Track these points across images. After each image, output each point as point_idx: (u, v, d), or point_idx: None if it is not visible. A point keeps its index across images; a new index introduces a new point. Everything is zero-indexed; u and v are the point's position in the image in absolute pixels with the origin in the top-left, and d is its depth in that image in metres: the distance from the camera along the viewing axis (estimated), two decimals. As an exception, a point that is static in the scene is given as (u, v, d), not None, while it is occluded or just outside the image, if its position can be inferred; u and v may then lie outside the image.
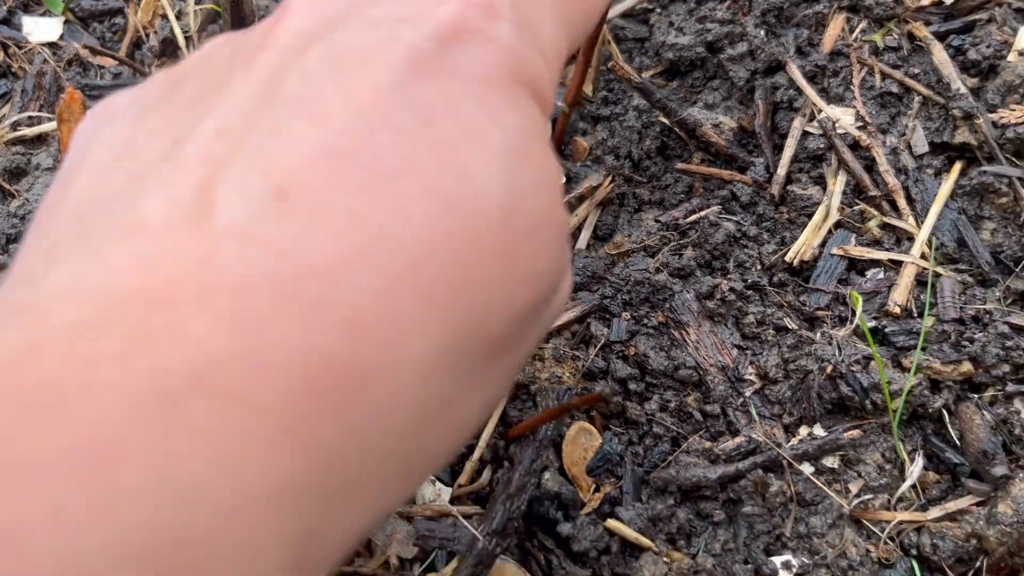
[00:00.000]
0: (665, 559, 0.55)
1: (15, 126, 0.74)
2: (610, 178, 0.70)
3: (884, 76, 0.74)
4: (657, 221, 0.69)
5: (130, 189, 0.28)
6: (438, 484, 0.59)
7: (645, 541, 0.56)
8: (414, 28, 0.30)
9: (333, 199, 0.26)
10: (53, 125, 0.74)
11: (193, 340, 0.22)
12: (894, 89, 0.73)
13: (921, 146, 0.71)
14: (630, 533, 0.56)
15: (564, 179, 0.27)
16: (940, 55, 0.73)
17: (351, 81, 0.28)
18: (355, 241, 0.25)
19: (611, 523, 0.56)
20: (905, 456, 0.59)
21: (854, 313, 0.63)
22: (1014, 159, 0.68)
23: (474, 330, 0.28)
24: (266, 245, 0.24)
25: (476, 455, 0.60)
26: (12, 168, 0.70)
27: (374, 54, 0.29)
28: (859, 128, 0.72)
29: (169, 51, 0.78)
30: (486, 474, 0.60)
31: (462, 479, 0.59)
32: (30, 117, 0.75)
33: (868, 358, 0.60)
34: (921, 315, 0.64)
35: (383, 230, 0.26)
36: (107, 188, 0.29)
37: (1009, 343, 0.60)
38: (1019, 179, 0.67)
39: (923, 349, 0.61)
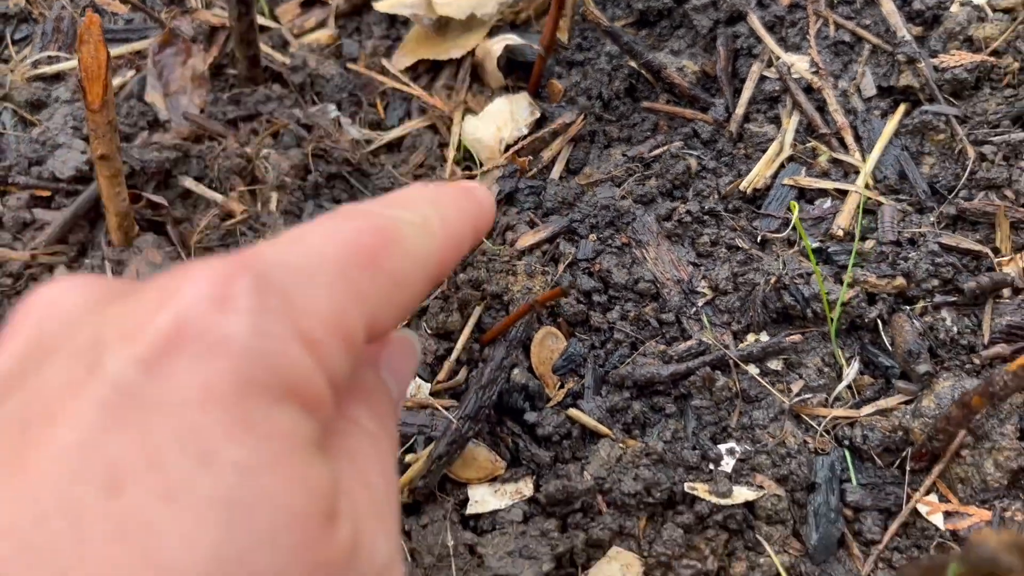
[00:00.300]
0: (620, 444, 0.61)
1: (36, 64, 0.81)
2: (582, 116, 0.76)
3: (838, 27, 0.80)
4: (624, 155, 0.75)
5: None
6: (419, 380, 0.65)
7: (603, 429, 0.62)
8: (121, 352, 0.26)
9: None
10: (70, 64, 0.80)
11: None
12: (846, 38, 0.79)
13: (870, 89, 0.77)
14: (589, 421, 0.62)
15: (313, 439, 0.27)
16: (888, 6, 0.78)
17: (31, 451, 0.24)
18: None
19: (572, 412, 0.62)
20: (843, 361, 0.65)
21: (804, 245, 0.69)
22: (952, 99, 0.74)
23: None
24: None
25: (453, 356, 0.66)
26: (33, 101, 0.77)
27: (65, 404, 0.25)
28: (813, 73, 0.77)
29: None
30: (462, 373, 0.66)
31: (440, 376, 0.65)
32: (49, 57, 0.81)
33: (811, 273, 0.66)
34: (864, 239, 0.69)
35: None
36: None
37: (939, 260, 0.66)
38: (956, 117, 0.73)
39: (861, 266, 0.67)
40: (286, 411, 0.27)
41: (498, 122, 0.74)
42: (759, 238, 0.70)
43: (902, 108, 0.75)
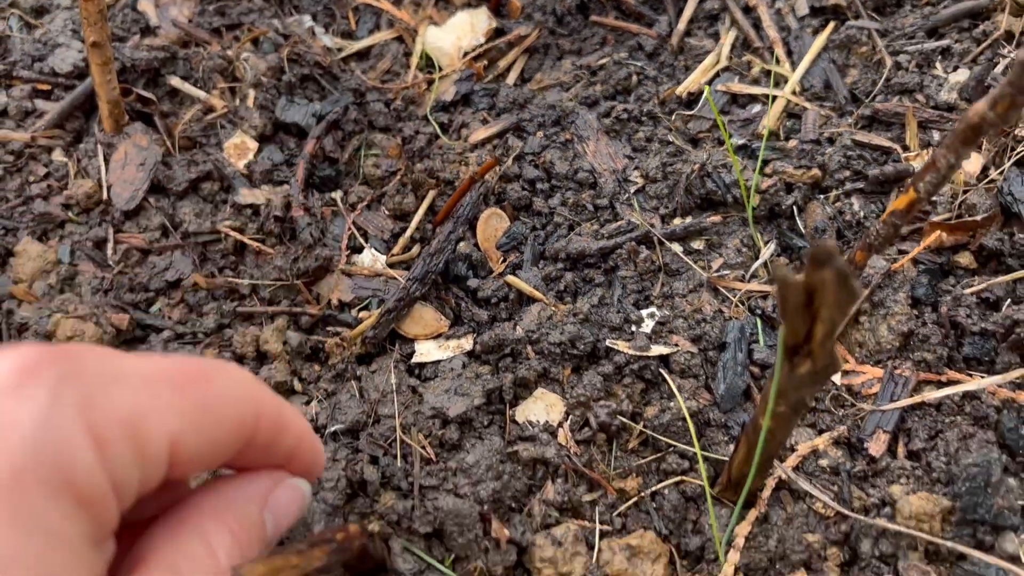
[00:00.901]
0: (552, 307, 0.67)
1: (39, -24, 0.88)
2: (537, 30, 0.83)
3: (777, -47, 0.86)
4: (573, 65, 0.81)
5: None
6: (375, 252, 0.71)
7: (537, 294, 0.68)
8: None
9: None
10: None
11: None
12: (784, -37, 0.85)
13: (803, 9, 0.83)
14: (525, 287, 0.68)
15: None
16: (822, -68, 0.84)
17: None
18: None
19: (510, 278, 0.68)
20: (761, 243, 0.71)
21: (730, 136, 0.75)
22: (875, 15, 0.80)
23: None
24: None
25: (407, 234, 0.72)
26: (37, 7, 0.84)
27: None
28: (751, -6, 0.84)
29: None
30: (415, 249, 0.72)
31: (395, 250, 0.72)
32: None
33: (732, 164, 0.72)
34: (787, 139, 0.76)
35: None
36: None
37: (851, 154, 0.72)
38: (877, 31, 0.79)
39: (782, 160, 0.73)
40: (59, 506, 0.28)
41: (459, 32, 0.81)
42: (691, 137, 0.76)
43: (831, 25, 0.81)
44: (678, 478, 0.60)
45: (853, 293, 0.34)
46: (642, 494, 0.60)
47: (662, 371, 0.64)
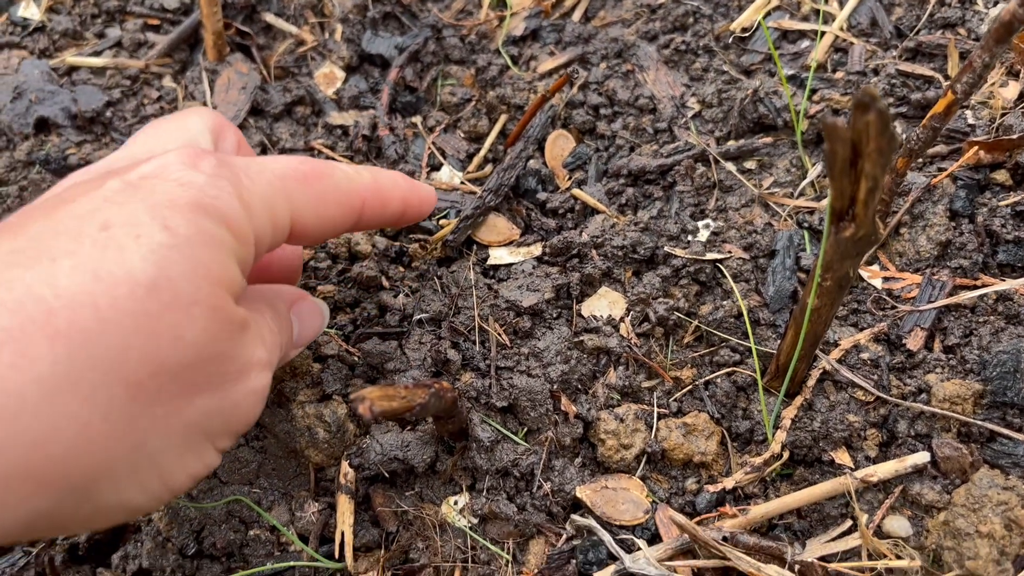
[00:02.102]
0: (614, 218, 0.72)
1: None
2: (600, -28, 0.87)
3: (828, -100, 0.89)
4: (634, 3, 0.86)
5: None
6: (453, 170, 0.77)
7: (600, 206, 0.73)
8: (117, 176, 0.40)
9: (12, 277, 0.35)
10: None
11: None
12: (835, -90, 0.89)
13: (851, -48, 0.87)
14: (589, 200, 0.73)
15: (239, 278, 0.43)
16: None
17: (61, 212, 0.39)
18: (9, 299, 0.34)
19: (576, 191, 0.73)
20: (808, 164, 0.76)
21: (778, 68, 0.79)
22: (921, -44, 0.84)
23: (109, 370, 0.36)
24: None
25: (481, 153, 0.78)
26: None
27: (87, 195, 0.39)
28: (803, -61, 0.87)
29: None
30: (489, 168, 0.78)
31: (470, 168, 0.77)
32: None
33: (784, 92, 0.76)
34: (835, 71, 0.80)
35: (31, 290, 0.35)
36: None
37: (895, 82, 0.76)
38: (922, -30, 0.83)
39: (829, 89, 0.77)
40: (219, 227, 0.40)
41: (528, -27, 0.86)
42: (744, 69, 0.81)
43: (878, -33, 0.85)
44: (730, 369, 0.65)
45: (893, 137, 0.39)
46: (696, 383, 0.65)
47: (717, 272, 0.69)
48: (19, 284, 0.35)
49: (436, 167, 0.77)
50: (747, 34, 0.82)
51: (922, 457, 0.59)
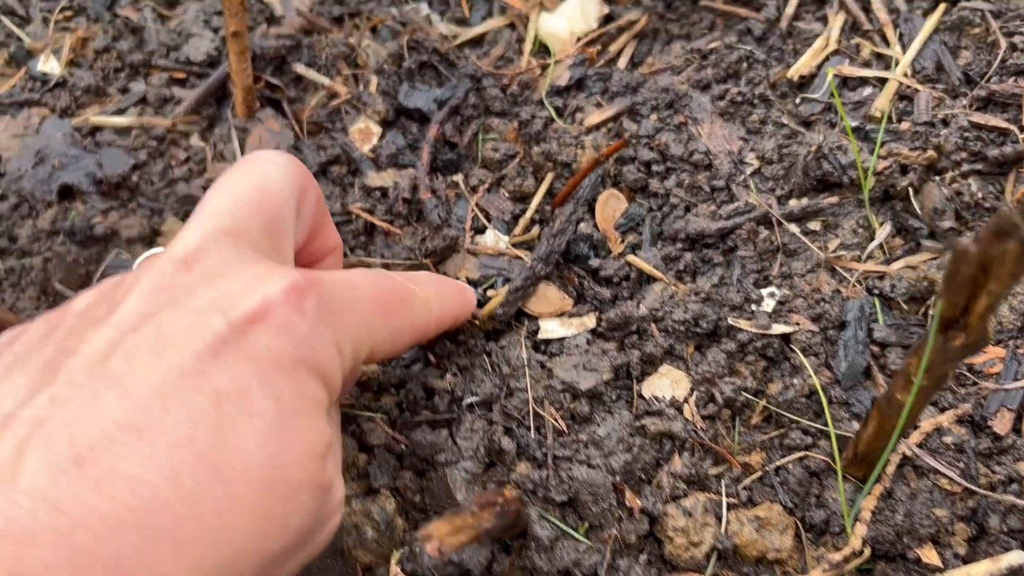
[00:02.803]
0: (672, 286, 0.68)
1: (169, -30, 0.91)
2: (646, 15, 0.83)
3: (885, -65, 0.84)
4: (683, 49, 0.81)
5: None
6: (498, 233, 0.73)
7: (657, 273, 0.69)
8: (223, 315, 0.37)
9: (119, 467, 0.31)
10: (198, -29, 0.90)
11: None
12: (893, -55, 0.84)
13: (912, -9, 0.82)
14: (646, 266, 0.69)
15: (332, 444, 0.40)
16: (932, -86, 0.83)
17: (163, 363, 0.35)
18: (127, 503, 0.31)
19: (631, 258, 0.69)
20: (876, 223, 0.71)
21: (842, 120, 0.75)
22: (988, -4, 0.79)
23: (225, 572, 0.34)
24: (53, 504, 0.30)
25: (528, 214, 0.73)
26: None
27: (186, 339, 0.36)
28: (859, -23, 0.82)
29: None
30: (535, 229, 0.73)
31: (516, 231, 0.73)
32: (181, -36, 0.91)
33: (848, 146, 0.71)
34: (899, 120, 0.75)
35: (155, 493, 0.31)
36: None
37: (968, 135, 0.71)
38: (990, 12, 0.78)
39: (896, 142, 0.72)
40: (318, 384, 0.40)
41: (570, 18, 0.81)
42: (803, 119, 0.76)
43: (941, 7, 0.80)
44: (802, 453, 0.61)
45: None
46: (767, 468, 0.60)
47: (786, 348, 0.64)
48: (128, 477, 0.32)
49: (480, 230, 0.73)
50: (805, 81, 0.78)
51: (1018, 557, 0.54)
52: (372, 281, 0.48)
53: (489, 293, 0.69)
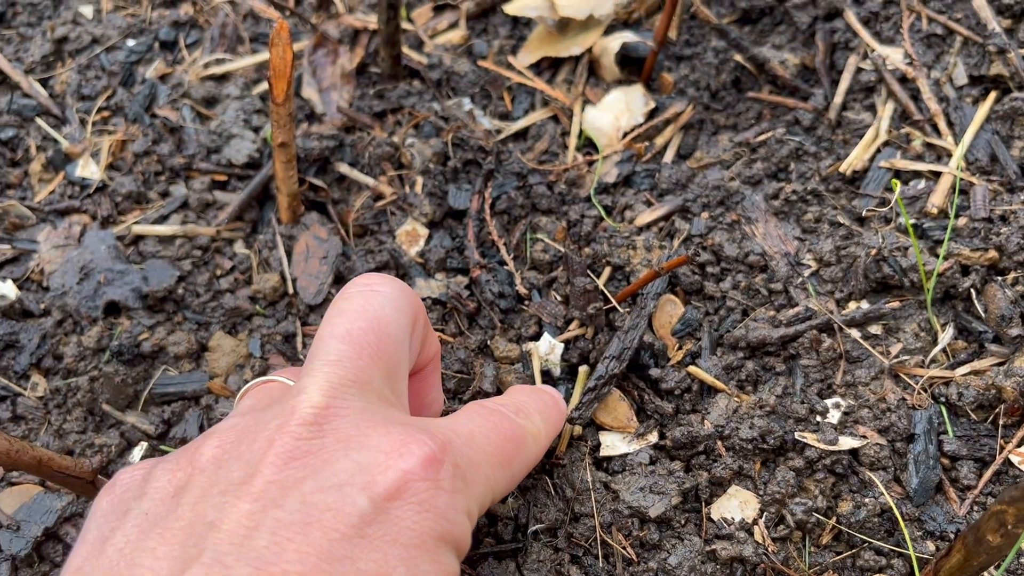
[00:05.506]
0: (736, 398, 0.67)
1: (206, 66, 0.90)
2: (691, 106, 0.82)
3: (930, 20, 0.84)
4: (731, 141, 0.80)
5: None
6: (551, 340, 0.71)
7: (720, 384, 0.68)
8: (365, 492, 0.38)
9: None
10: (235, 65, 0.89)
11: None
12: (938, 31, 0.83)
13: (961, 79, 0.81)
14: (707, 377, 0.68)
15: None
16: (979, 0, 0.82)
17: (311, 546, 0.36)
18: None
19: (692, 369, 0.68)
20: (938, 326, 0.70)
21: (898, 215, 0.74)
22: (1041, 86, 0.78)
23: None
24: None
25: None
26: (208, 97, 0.86)
27: (332, 520, 0.37)
28: (907, 64, 0.82)
29: (324, 5, 0.93)
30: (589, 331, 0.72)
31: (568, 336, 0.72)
32: (217, 59, 0.90)
33: (908, 247, 0.71)
34: (956, 216, 0.74)
35: None
36: None
37: (1030, 234, 0.70)
38: (1045, 103, 0.77)
39: (955, 241, 0.71)
40: (453, 558, 0.41)
41: (615, 112, 0.81)
42: (858, 216, 0.75)
43: (992, 95, 0.79)
44: (875, 575, 0.59)
45: None
46: (841, 591, 0.59)
47: (855, 463, 0.63)
48: None
49: (534, 337, 0.71)
50: (858, 175, 0.77)
51: None
52: (491, 432, 0.48)
53: (547, 407, 0.68)
